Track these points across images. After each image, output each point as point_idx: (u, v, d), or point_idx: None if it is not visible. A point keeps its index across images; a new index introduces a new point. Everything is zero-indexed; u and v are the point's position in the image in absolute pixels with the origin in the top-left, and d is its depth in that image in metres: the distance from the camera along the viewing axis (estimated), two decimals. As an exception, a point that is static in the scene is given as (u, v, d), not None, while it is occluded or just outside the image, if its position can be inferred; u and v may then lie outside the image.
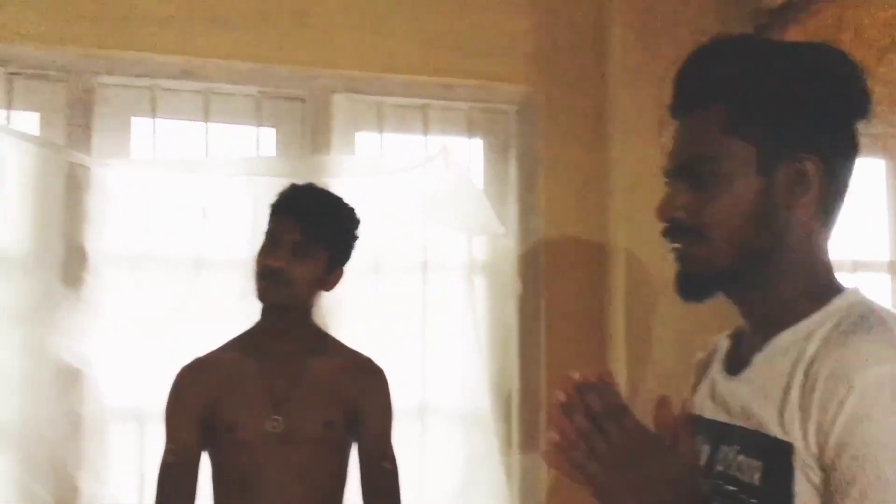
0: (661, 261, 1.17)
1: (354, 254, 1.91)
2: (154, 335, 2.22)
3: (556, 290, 2.48)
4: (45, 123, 2.29)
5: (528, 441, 2.45)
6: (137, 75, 2.30)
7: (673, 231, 1.06)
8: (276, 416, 1.66)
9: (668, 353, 2.30)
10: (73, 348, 2.16)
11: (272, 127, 2.45)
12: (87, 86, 2.27)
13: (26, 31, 2.18)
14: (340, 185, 2.35)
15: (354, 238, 1.87)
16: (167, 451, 1.71)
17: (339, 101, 2.43)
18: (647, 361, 2.33)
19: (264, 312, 1.79)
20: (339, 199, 1.87)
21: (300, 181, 2.30)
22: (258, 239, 2.29)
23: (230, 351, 1.78)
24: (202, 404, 1.69)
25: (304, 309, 1.78)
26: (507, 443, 2.44)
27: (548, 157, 2.52)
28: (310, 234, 1.71)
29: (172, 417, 1.72)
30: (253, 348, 1.75)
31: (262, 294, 1.72)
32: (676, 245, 1.06)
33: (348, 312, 2.26)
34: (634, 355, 2.35)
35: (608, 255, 2.47)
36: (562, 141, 2.52)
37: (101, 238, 2.22)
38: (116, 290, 2.21)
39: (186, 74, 2.32)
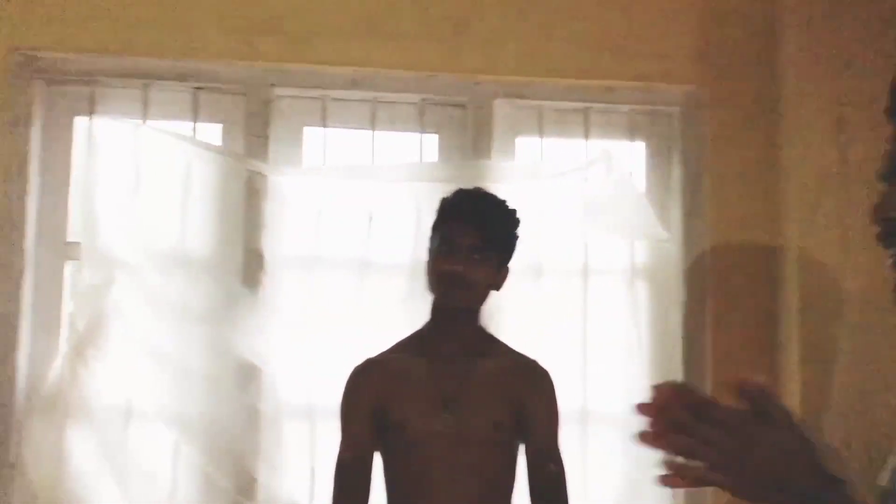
0: (844, 267, 1.11)
1: (515, 256, 1.94)
2: (325, 335, 2.32)
3: (722, 297, 2.40)
4: (226, 134, 2.44)
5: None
6: (310, 87, 2.41)
7: (890, 235, 0.99)
8: (447, 416, 1.70)
9: (851, 367, 2.17)
10: (252, 346, 2.29)
11: (434, 133, 2.51)
12: (264, 98, 2.40)
13: (211, 48, 2.34)
14: (501, 189, 2.38)
15: (517, 238, 1.89)
16: (342, 449, 1.78)
17: (500, 107, 2.46)
18: (824, 374, 2.21)
19: (435, 314, 1.83)
20: (503, 202, 1.91)
21: (463, 186, 2.36)
22: (421, 242, 2.37)
23: (401, 351, 1.84)
24: (374, 403, 1.75)
25: (475, 311, 1.81)
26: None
27: (713, 159, 2.44)
28: (485, 238, 1.75)
29: (347, 416, 1.79)
30: (423, 349, 1.79)
31: (442, 298, 1.77)
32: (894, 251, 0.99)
33: (510, 316, 2.28)
34: (810, 367, 2.23)
35: (780, 262, 2.36)
36: (728, 142, 2.44)
37: (277, 242, 2.34)
38: (291, 292, 2.33)
39: (355, 85, 2.42)
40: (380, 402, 1.76)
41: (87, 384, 2.20)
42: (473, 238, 1.75)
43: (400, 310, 2.34)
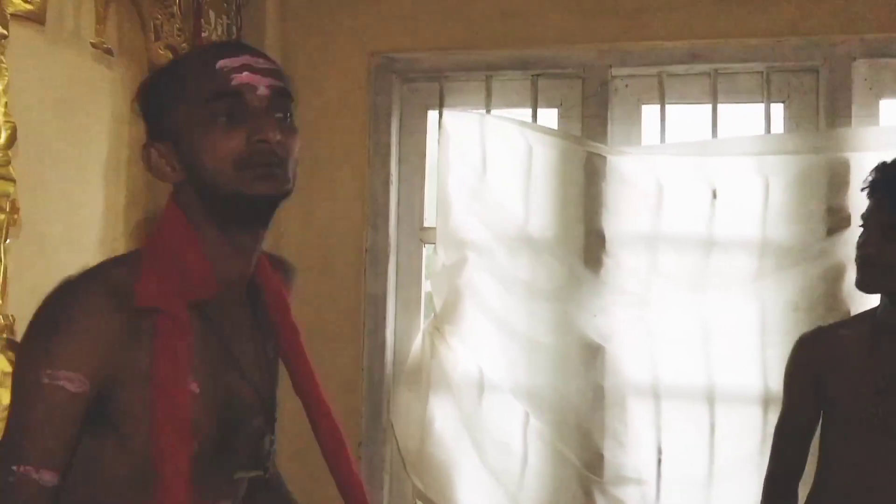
0: None
1: None
2: (668, 314, 2.30)
3: None
4: (563, 117, 2.50)
5: None
6: (647, 64, 2.39)
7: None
8: (875, 400, 1.61)
9: None
10: (595, 325, 2.33)
11: (781, 102, 2.37)
12: (601, 79, 2.42)
13: (550, 34, 2.40)
14: (863, 159, 2.19)
15: None
16: (782, 415, 1.80)
17: (859, 68, 2.25)
18: None
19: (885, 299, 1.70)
20: None
21: (815, 156, 2.20)
22: (770, 217, 2.26)
23: (853, 325, 1.76)
24: (812, 373, 1.73)
25: None
26: None
27: None
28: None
29: (788, 383, 1.79)
30: (874, 325, 1.69)
31: (860, 284, 1.66)
32: None
33: None
34: None
35: None
36: None
37: (617, 222, 2.35)
38: (632, 271, 2.33)
39: (693, 58, 2.35)
40: (817, 374, 1.72)
41: (445, 357, 2.39)
42: (882, 214, 1.60)
43: (748, 289, 2.26)
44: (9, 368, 1.61)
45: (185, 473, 1.02)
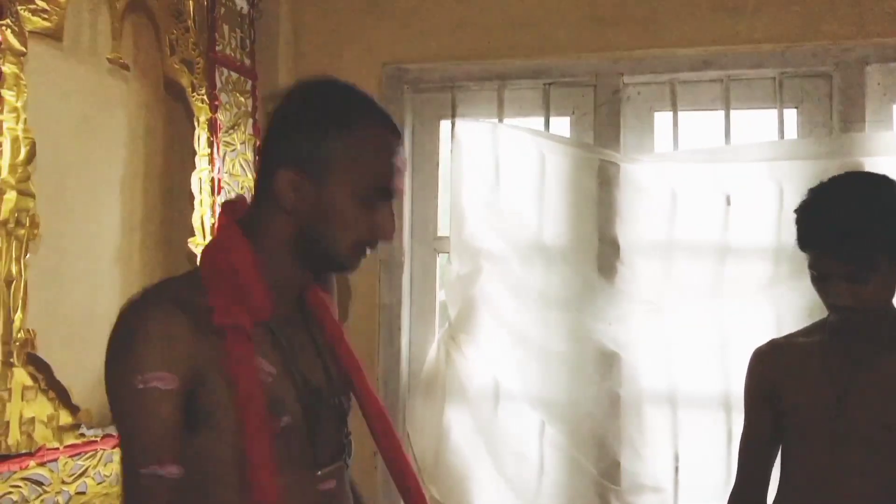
0: None
1: None
2: (683, 321, 2.29)
3: None
4: (576, 125, 2.51)
5: None
6: (659, 71, 2.39)
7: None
8: (836, 409, 1.60)
9: None
10: (610, 333, 2.33)
11: (793, 108, 2.37)
12: (613, 87, 2.43)
13: (562, 43, 2.41)
14: (877, 163, 2.18)
15: None
16: (744, 430, 1.76)
17: (873, 73, 2.25)
18: None
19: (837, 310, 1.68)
20: (876, 188, 1.58)
21: (829, 161, 2.19)
22: (784, 224, 2.25)
23: (804, 334, 1.75)
24: (769, 386, 1.71)
25: (882, 310, 1.63)
26: None
27: None
28: (863, 261, 1.51)
29: (747, 398, 1.77)
30: (830, 332, 1.68)
31: (837, 322, 1.64)
32: None
33: None
34: None
35: None
36: None
37: (631, 230, 2.35)
38: (647, 279, 2.32)
39: (706, 65, 2.35)
40: (773, 386, 1.70)
41: (460, 367, 2.39)
42: (847, 266, 1.52)
43: (763, 295, 2.26)
44: (30, 382, 1.63)
45: (270, 450, 1.12)
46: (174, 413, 1.09)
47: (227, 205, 1.29)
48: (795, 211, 1.64)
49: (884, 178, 1.60)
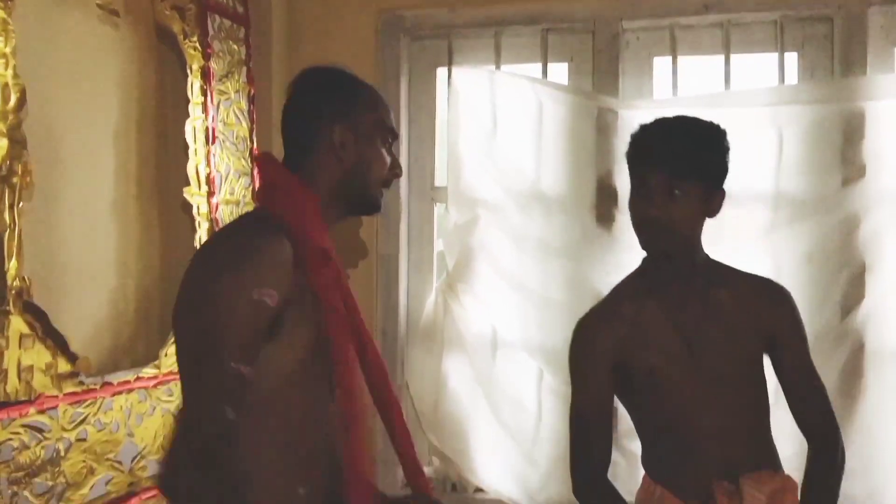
0: None
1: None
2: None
3: None
4: (574, 72, 2.47)
5: None
6: (658, 16, 2.35)
7: None
8: (691, 360, 1.61)
9: None
10: (608, 281, 2.30)
11: (794, 52, 2.33)
12: (612, 32, 2.39)
13: (559, -12, 2.37)
14: (879, 107, 2.17)
15: (725, 158, 1.65)
16: (581, 400, 1.69)
17: (875, 15, 2.21)
18: None
19: (648, 257, 1.70)
20: (696, 124, 1.64)
21: (831, 106, 2.17)
22: (785, 169, 2.24)
23: (628, 297, 1.72)
24: (612, 354, 1.66)
25: (690, 245, 1.65)
26: None
27: None
28: (678, 175, 1.56)
29: (584, 368, 1.70)
30: (651, 291, 1.67)
31: (645, 245, 1.64)
32: None
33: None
34: None
35: None
36: None
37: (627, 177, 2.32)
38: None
39: (706, 8, 2.31)
40: (618, 353, 1.67)
41: (458, 316, 2.39)
42: (661, 177, 1.56)
43: (762, 242, 2.25)
44: (27, 330, 1.63)
45: (354, 355, 1.38)
46: (266, 326, 1.27)
47: (269, 155, 1.50)
48: (632, 134, 1.68)
49: (717, 125, 1.66)
